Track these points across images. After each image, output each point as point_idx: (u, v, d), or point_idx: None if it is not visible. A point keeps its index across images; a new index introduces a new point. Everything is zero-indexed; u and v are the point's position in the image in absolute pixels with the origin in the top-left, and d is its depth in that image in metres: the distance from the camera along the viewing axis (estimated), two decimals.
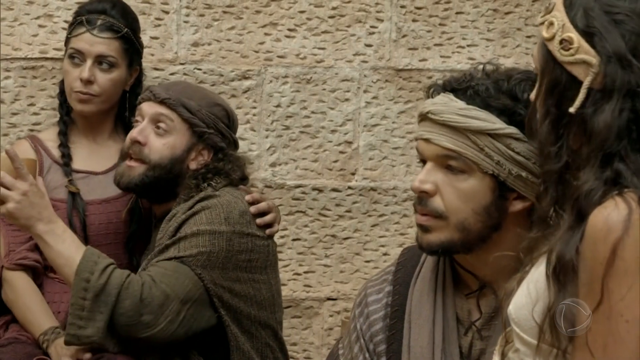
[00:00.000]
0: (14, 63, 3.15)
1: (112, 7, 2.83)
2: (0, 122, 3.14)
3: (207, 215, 2.55)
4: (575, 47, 1.51)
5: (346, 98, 3.36)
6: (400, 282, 2.03)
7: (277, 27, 3.31)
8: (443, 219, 1.90)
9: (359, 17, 3.35)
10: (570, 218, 1.50)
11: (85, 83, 2.78)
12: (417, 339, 1.95)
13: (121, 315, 2.44)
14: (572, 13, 1.53)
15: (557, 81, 1.53)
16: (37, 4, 3.16)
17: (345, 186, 3.38)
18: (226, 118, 2.70)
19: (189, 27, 3.27)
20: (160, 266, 2.51)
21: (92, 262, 2.45)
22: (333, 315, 3.39)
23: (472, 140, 1.88)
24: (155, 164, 2.63)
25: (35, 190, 2.46)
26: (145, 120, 2.65)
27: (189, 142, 2.65)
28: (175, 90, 2.67)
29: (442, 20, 3.39)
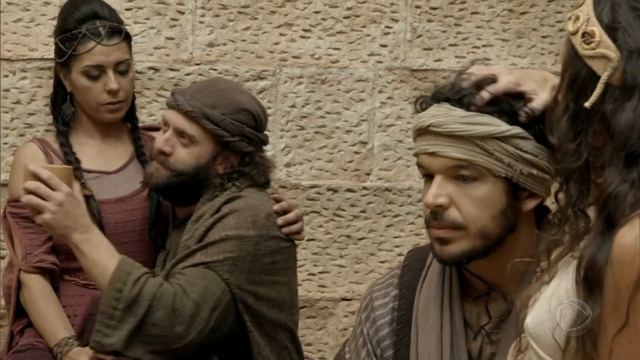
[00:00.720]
0: (31, 64, 3.17)
1: (100, 7, 2.79)
2: (14, 122, 3.16)
3: (235, 219, 2.56)
4: (596, 41, 1.48)
5: (361, 98, 3.36)
6: (407, 285, 2.01)
7: (292, 28, 3.32)
8: (462, 229, 1.87)
9: (374, 17, 3.35)
10: (599, 222, 1.47)
11: (115, 93, 2.76)
12: (425, 345, 1.93)
13: (154, 326, 2.47)
14: (599, 8, 1.50)
15: (577, 75, 1.50)
16: (53, 4, 3.17)
17: (360, 186, 3.38)
18: (252, 121, 2.67)
19: (204, 27, 3.27)
20: (188, 274, 2.52)
21: (126, 273, 2.46)
22: (348, 315, 3.39)
23: (481, 147, 1.86)
24: (180, 172, 2.64)
25: (71, 199, 2.46)
26: (170, 130, 2.66)
27: (214, 150, 2.65)
28: (199, 99, 2.64)
29: (457, 21, 3.39)
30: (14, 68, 3.15)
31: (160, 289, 2.47)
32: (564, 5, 3.43)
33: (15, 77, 3.15)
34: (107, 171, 2.83)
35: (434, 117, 1.89)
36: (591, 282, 1.45)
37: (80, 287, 2.74)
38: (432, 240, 1.92)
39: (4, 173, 3.15)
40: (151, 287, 2.46)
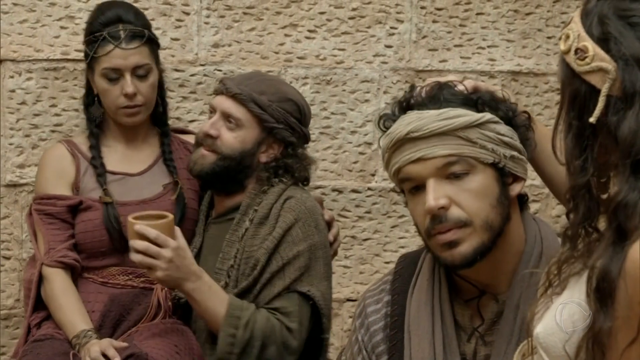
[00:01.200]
0: (36, 64, 3.17)
1: (126, 12, 2.80)
2: (19, 122, 3.17)
3: (302, 228, 2.63)
4: (590, 56, 1.48)
5: (366, 99, 3.36)
6: (398, 291, 2.01)
7: (297, 28, 3.32)
8: (468, 225, 1.87)
9: (379, 18, 3.35)
10: (610, 233, 1.46)
11: (131, 97, 2.76)
12: (418, 350, 1.94)
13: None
14: (587, 23, 1.50)
15: (577, 93, 1.50)
16: (58, 5, 3.18)
17: (365, 187, 3.38)
18: (297, 112, 2.72)
19: (209, 28, 3.28)
20: (280, 306, 2.60)
21: (236, 318, 2.55)
22: (353, 316, 3.39)
23: (464, 138, 1.87)
24: (226, 155, 2.67)
25: (179, 252, 2.52)
26: (217, 114, 2.70)
27: (259, 136, 2.68)
28: (247, 85, 2.70)
29: (462, 21, 3.39)
30: (20, 69, 3.16)
31: (268, 324, 2.57)
32: (570, 5, 3.43)
33: (20, 77, 3.16)
34: (130, 173, 2.84)
35: (409, 124, 1.88)
36: (603, 294, 1.44)
37: (99, 285, 2.76)
38: (438, 248, 1.90)
39: (9, 173, 3.16)
40: (261, 326, 2.56)
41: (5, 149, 3.15)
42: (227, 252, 2.67)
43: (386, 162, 1.94)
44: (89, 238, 2.75)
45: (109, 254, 2.76)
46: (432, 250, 1.93)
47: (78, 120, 3.18)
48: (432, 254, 1.94)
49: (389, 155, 1.92)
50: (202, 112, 3.26)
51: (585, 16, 1.51)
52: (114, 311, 2.74)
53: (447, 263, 1.90)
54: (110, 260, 2.77)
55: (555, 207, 3.45)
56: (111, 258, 2.77)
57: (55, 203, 2.77)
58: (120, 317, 2.74)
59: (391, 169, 1.93)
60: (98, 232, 2.75)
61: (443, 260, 1.90)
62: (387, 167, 1.95)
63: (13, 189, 3.17)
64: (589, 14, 1.51)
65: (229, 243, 2.67)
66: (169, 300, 2.76)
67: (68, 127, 3.16)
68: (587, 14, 1.51)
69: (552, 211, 3.46)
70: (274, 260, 2.61)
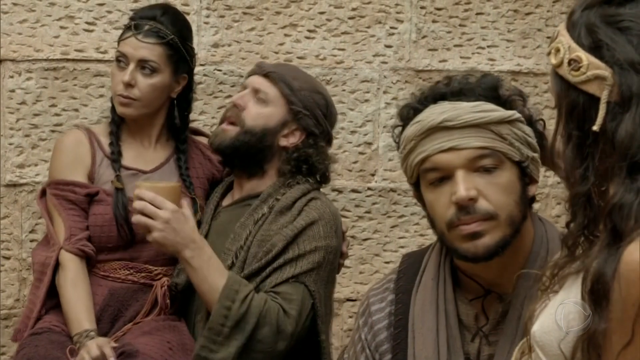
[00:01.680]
0: (36, 64, 3.17)
1: (163, 14, 2.83)
2: (19, 122, 3.17)
3: (324, 227, 2.63)
4: (584, 65, 1.48)
5: (366, 99, 3.36)
6: (403, 290, 2.02)
7: (297, 28, 3.32)
8: (494, 218, 1.88)
9: (379, 18, 3.35)
10: (605, 235, 1.46)
11: (126, 86, 2.78)
12: (422, 349, 1.94)
13: (259, 342, 2.54)
14: (575, 34, 1.51)
15: (574, 104, 1.50)
16: (58, 5, 3.17)
17: (364, 187, 3.38)
18: (325, 107, 2.74)
19: (209, 28, 3.28)
20: (283, 291, 2.59)
21: (234, 291, 2.52)
22: (352, 316, 3.39)
23: (496, 132, 1.89)
24: (248, 129, 2.69)
25: (178, 216, 2.51)
26: (248, 89, 2.73)
27: (284, 117, 2.70)
28: (282, 68, 2.76)
29: (462, 21, 3.39)
30: (19, 69, 3.16)
31: (265, 306, 2.54)
32: (569, 5, 3.43)
33: (20, 77, 3.16)
34: (143, 170, 2.85)
35: (443, 113, 1.89)
36: (597, 296, 1.44)
37: (99, 278, 2.77)
38: (460, 239, 1.90)
39: (9, 173, 3.16)
40: (258, 304, 2.53)
41: (5, 148, 3.15)
42: (239, 234, 2.67)
43: (409, 150, 1.93)
44: (97, 232, 2.76)
45: (115, 249, 2.78)
46: (449, 243, 1.92)
47: (78, 120, 3.18)
48: (449, 246, 1.93)
49: (416, 143, 1.92)
50: (202, 112, 3.26)
51: (572, 28, 1.52)
52: (113, 306, 2.75)
53: (468, 254, 1.90)
54: (114, 255, 2.78)
55: (555, 207, 3.46)
56: (115, 253, 2.78)
57: (74, 190, 2.77)
58: (118, 313, 2.74)
59: (415, 157, 1.92)
60: (107, 227, 2.76)
61: (463, 252, 1.90)
62: (409, 156, 1.94)
63: (13, 188, 3.17)
64: (576, 25, 1.52)
65: (242, 225, 2.68)
66: (167, 297, 2.76)
67: (68, 127, 3.16)
68: (573, 26, 1.52)
69: (552, 211, 3.47)
70: (291, 249, 2.60)
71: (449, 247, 1.93)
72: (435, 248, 2.05)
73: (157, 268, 2.79)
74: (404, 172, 2.01)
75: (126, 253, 2.78)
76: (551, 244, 1.97)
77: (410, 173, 1.96)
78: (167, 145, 2.91)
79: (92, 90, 3.20)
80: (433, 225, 1.95)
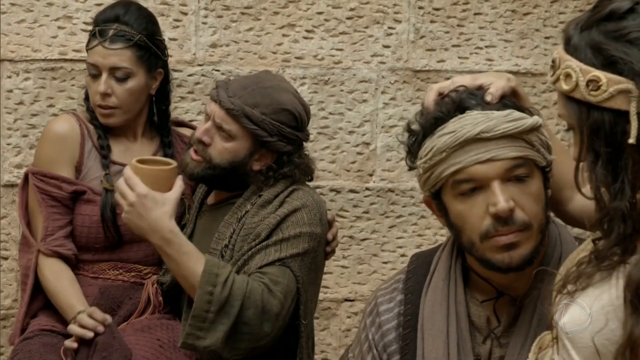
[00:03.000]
0: (34, 64, 3.17)
1: (125, 13, 2.78)
2: (17, 123, 3.16)
3: (308, 214, 2.61)
4: (604, 83, 1.49)
5: (364, 99, 3.36)
6: (412, 290, 2.01)
7: (295, 29, 3.32)
8: (529, 229, 1.87)
9: (377, 18, 3.35)
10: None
11: (103, 96, 2.75)
12: (431, 350, 1.94)
13: (244, 325, 2.51)
14: (582, 56, 1.52)
15: (600, 123, 1.50)
16: (56, 5, 3.17)
17: (362, 187, 3.38)
18: (293, 121, 2.68)
19: (207, 28, 3.27)
20: (269, 272, 2.56)
21: (214, 275, 2.48)
22: (351, 316, 3.39)
23: (527, 141, 1.88)
24: (216, 164, 2.66)
25: (144, 202, 2.48)
26: (210, 122, 2.68)
27: (251, 147, 2.67)
28: (241, 97, 2.66)
29: (460, 22, 3.39)
30: (17, 69, 3.15)
31: (248, 287, 2.50)
32: (567, 6, 3.43)
33: (18, 77, 3.15)
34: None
35: (478, 124, 1.87)
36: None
37: (89, 279, 2.76)
38: (495, 249, 1.88)
39: (7, 174, 3.15)
40: (240, 286, 2.49)
41: (3, 149, 3.14)
42: (223, 233, 2.66)
43: (438, 161, 1.90)
44: (85, 232, 2.74)
45: (102, 250, 2.76)
46: (480, 253, 1.90)
47: None
48: (479, 256, 1.91)
49: (448, 154, 1.89)
50: (199, 112, 3.26)
51: (576, 51, 1.53)
52: (104, 305, 2.73)
53: (503, 265, 1.88)
54: (102, 256, 2.77)
55: None
56: (103, 254, 2.77)
57: (60, 186, 2.74)
58: (110, 312, 2.72)
59: (447, 169, 1.89)
60: (95, 228, 2.74)
61: (497, 262, 1.88)
62: (437, 167, 1.90)
63: (11, 189, 3.16)
64: (579, 48, 1.52)
65: (225, 224, 2.67)
66: (160, 295, 2.75)
67: None
68: (576, 49, 1.53)
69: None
70: (274, 234, 2.59)
71: (479, 257, 1.91)
72: (446, 249, 2.04)
73: (147, 267, 2.79)
74: (422, 182, 1.97)
75: (114, 254, 2.76)
76: (564, 246, 1.97)
77: (434, 183, 1.93)
78: (152, 141, 2.89)
79: None
80: (458, 234, 1.92)
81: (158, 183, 2.51)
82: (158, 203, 2.49)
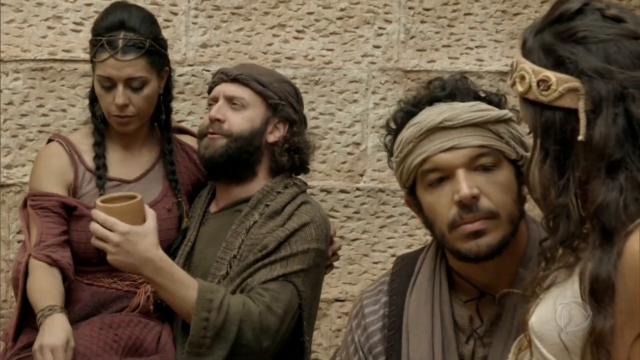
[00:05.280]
0: (23, 64, 3.16)
1: (129, 18, 2.71)
2: (6, 123, 3.16)
3: (316, 230, 2.64)
4: (554, 82, 1.53)
5: (354, 99, 3.36)
6: (397, 292, 2.02)
7: (286, 29, 3.32)
8: (495, 217, 1.89)
9: (367, 18, 3.35)
10: (595, 235, 1.49)
11: (122, 108, 2.70)
12: (417, 350, 1.94)
13: (243, 347, 2.53)
14: (535, 57, 1.55)
15: (551, 122, 1.54)
16: (45, 5, 3.17)
17: (353, 187, 3.38)
18: (295, 94, 2.76)
19: (197, 28, 3.27)
20: (272, 289, 2.58)
21: (208, 300, 2.50)
22: (341, 316, 3.39)
23: (494, 131, 1.91)
24: (237, 136, 2.68)
25: (130, 238, 2.48)
26: (220, 100, 2.70)
27: (265, 114, 2.70)
28: (245, 69, 2.75)
29: (450, 22, 3.39)
30: (7, 69, 3.15)
31: (244, 309, 2.52)
32: None
33: (7, 78, 3.15)
34: (126, 180, 2.78)
35: (441, 113, 1.91)
36: (598, 295, 1.46)
37: (84, 284, 2.74)
38: (462, 238, 1.89)
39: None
40: (236, 309, 2.51)
41: None
42: (231, 242, 2.65)
43: (407, 152, 1.93)
44: (82, 248, 2.71)
45: (99, 263, 2.73)
46: (450, 244, 1.92)
47: (65, 121, 3.17)
48: (450, 247, 1.93)
49: (414, 144, 1.92)
50: (190, 112, 3.26)
51: (530, 54, 1.57)
52: (91, 306, 2.71)
53: (471, 254, 1.89)
54: (99, 267, 2.74)
55: None
56: (100, 266, 2.74)
57: (50, 198, 2.71)
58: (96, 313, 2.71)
59: (414, 159, 1.92)
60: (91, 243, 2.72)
61: (465, 252, 1.89)
62: (406, 159, 1.93)
63: (0, 189, 3.15)
64: (532, 50, 1.56)
65: (234, 234, 2.67)
66: (152, 303, 2.73)
67: (55, 127, 3.15)
68: (530, 52, 1.57)
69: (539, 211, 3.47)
70: (283, 248, 2.60)
71: (449, 248, 1.93)
72: (430, 250, 2.05)
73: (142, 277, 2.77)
74: (397, 177, 1.99)
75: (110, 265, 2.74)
76: None
77: (407, 176, 1.95)
78: (153, 147, 2.84)
79: (79, 90, 3.19)
80: (432, 228, 1.94)
81: (133, 217, 2.51)
82: (141, 235, 2.49)
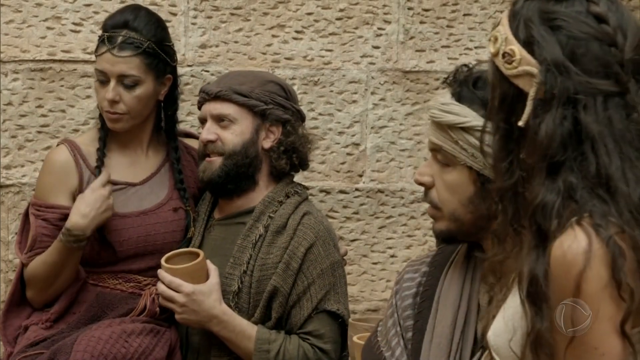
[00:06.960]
0: (22, 65, 3.16)
1: (135, 19, 2.73)
2: (5, 123, 3.16)
3: (323, 246, 2.67)
4: (517, 59, 1.49)
5: (354, 100, 3.36)
6: (437, 264, 2.08)
7: (285, 29, 3.32)
8: (439, 209, 1.97)
9: (367, 19, 3.35)
10: (531, 236, 1.48)
11: (111, 103, 2.71)
12: (442, 320, 2.00)
13: None
14: (514, 25, 1.51)
15: (505, 95, 1.52)
16: (45, 6, 3.17)
17: (352, 188, 3.38)
18: (282, 91, 2.74)
19: (196, 29, 3.27)
20: (311, 329, 2.66)
21: (265, 352, 2.62)
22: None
23: (449, 134, 1.94)
24: (230, 152, 2.70)
25: (195, 298, 2.62)
26: (209, 120, 2.72)
27: (253, 124, 2.71)
28: (225, 82, 2.74)
29: (449, 22, 3.39)
30: (6, 69, 3.15)
31: (300, 351, 2.63)
32: None
33: (7, 78, 3.15)
34: (133, 183, 2.79)
35: (433, 107, 1.98)
36: (534, 297, 1.45)
37: (89, 285, 2.74)
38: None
39: None
40: (292, 356, 2.62)
41: None
42: (239, 258, 2.68)
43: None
44: (86, 250, 2.72)
45: (104, 265, 2.74)
46: None
47: (65, 121, 3.17)
48: None
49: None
50: (189, 113, 3.26)
51: (513, 17, 1.52)
52: (96, 307, 2.72)
53: (434, 234, 2.03)
54: (104, 269, 2.74)
55: None
56: (105, 267, 2.74)
57: (53, 210, 2.71)
58: (101, 314, 2.71)
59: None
60: (96, 246, 2.72)
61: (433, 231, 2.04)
62: None
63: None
64: (516, 16, 1.52)
65: (240, 248, 2.69)
66: (157, 305, 2.73)
67: (54, 128, 3.15)
68: (514, 15, 1.52)
69: None
70: (299, 280, 2.64)
71: None
72: None
73: (147, 279, 2.77)
74: None
75: (116, 267, 2.75)
76: None
77: None
78: (159, 151, 2.85)
79: (79, 91, 3.19)
80: None
81: (196, 276, 2.63)
82: (205, 294, 2.62)
